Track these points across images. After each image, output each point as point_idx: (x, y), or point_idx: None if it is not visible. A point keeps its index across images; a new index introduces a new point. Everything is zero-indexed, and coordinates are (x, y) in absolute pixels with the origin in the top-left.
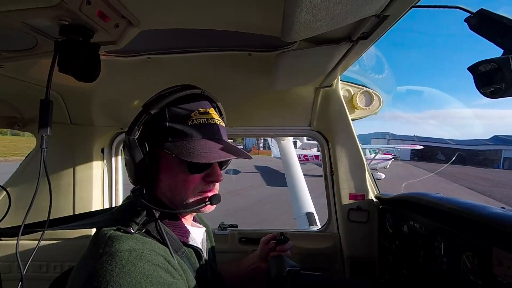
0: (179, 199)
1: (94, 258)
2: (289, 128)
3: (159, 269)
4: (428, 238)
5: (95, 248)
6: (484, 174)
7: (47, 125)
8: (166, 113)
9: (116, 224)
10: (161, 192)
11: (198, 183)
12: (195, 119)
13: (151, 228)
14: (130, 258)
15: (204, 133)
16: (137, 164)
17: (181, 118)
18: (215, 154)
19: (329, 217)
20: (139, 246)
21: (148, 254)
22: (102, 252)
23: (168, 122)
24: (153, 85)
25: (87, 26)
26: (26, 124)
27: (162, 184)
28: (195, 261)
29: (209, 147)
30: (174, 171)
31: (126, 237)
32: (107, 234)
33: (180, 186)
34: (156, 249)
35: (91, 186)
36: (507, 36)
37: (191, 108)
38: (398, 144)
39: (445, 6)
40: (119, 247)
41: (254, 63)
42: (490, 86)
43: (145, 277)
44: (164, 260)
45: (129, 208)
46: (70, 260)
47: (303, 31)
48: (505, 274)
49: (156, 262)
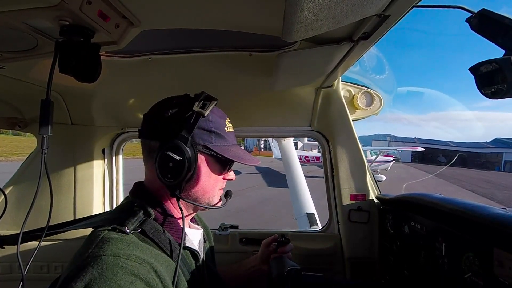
0: (207, 196)
1: (81, 257)
2: (289, 129)
3: (137, 282)
4: (429, 239)
5: (85, 248)
6: (485, 176)
7: (47, 126)
8: (210, 117)
9: (112, 223)
10: (190, 190)
11: (221, 181)
12: (228, 127)
13: (147, 228)
14: (112, 265)
15: (234, 140)
16: (189, 163)
17: (221, 124)
18: (252, 158)
19: (330, 217)
20: (127, 251)
21: (131, 263)
22: (90, 253)
23: (213, 127)
24: (154, 85)
25: (88, 27)
26: (27, 125)
27: (195, 182)
28: (192, 263)
29: (243, 152)
30: (209, 170)
31: (117, 239)
32: (100, 235)
33: (212, 184)
34: (146, 254)
35: (92, 186)
36: (508, 37)
37: (223, 116)
38: (399, 146)
39: (446, 6)
40: (104, 251)
41: (254, 63)
42: (491, 86)
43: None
44: (150, 269)
45: (126, 208)
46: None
47: (303, 31)
48: (506, 275)
49: (137, 272)
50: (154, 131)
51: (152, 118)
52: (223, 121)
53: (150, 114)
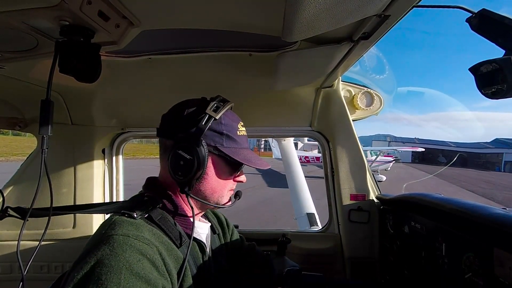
0: (216, 196)
1: (96, 237)
2: (289, 129)
3: (144, 261)
4: (429, 239)
5: (100, 230)
6: (485, 176)
7: (47, 126)
8: (222, 120)
9: (122, 210)
10: (199, 189)
11: (231, 183)
12: (240, 130)
13: (154, 215)
14: (122, 243)
15: (246, 143)
16: (198, 162)
17: (233, 127)
18: (263, 162)
19: (330, 217)
20: (137, 232)
21: (140, 243)
22: (103, 234)
23: (225, 129)
24: (154, 85)
25: (88, 27)
26: (27, 125)
27: (205, 182)
28: (198, 255)
29: (254, 155)
30: (219, 172)
31: (128, 222)
32: (112, 219)
33: (222, 185)
34: (154, 238)
35: (92, 186)
36: (508, 37)
37: (237, 120)
38: (399, 146)
39: (446, 6)
40: (116, 231)
41: (254, 63)
42: (491, 87)
43: (127, 264)
44: (156, 251)
45: (137, 199)
46: (71, 260)
47: (304, 31)
48: (507, 275)
49: (145, 252)
50: (169, 130)
51: (168, 118)
52: (236, 125)
53: (168, 115)
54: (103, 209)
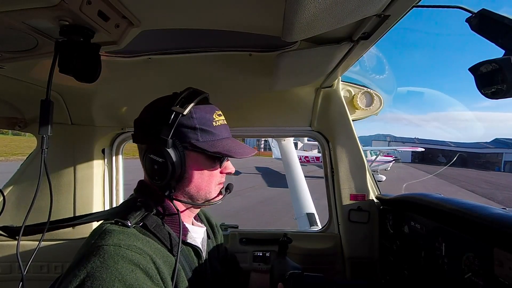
0: (203, 193)
1: (85, 247)
2: (289, 129)
3: (138, 271)
4: (429, 239)
5: (89, 239)
6: (485, 176)
7: (47, 126)
8: (193, 114)
9: (115, 217)
10: (184, 189)
11: (218, 176)
12: (217, 121)
13: (149, 222)
14: (113, 254)
15: (226, 133)
16: (172, 164)
17: (207, 119)
18: (246, 149)
19: (330, 217)
20: (128, 241)
21: (132, 253)
22: (93, 243)
23: (197, 123)
24: (154, 85)
25: (88, 27)
26: (27, 125)
27: (188, 181)
28: (193, 260)
29: (236, 144)
30: (201, 168)
31: (119, 231)
32: (103, 227)
33: (207, 180)
34: (147, 246)
35: (91, 186)
36: (508, 37)
37: (211, 110)
38: (399, 146)
39: (446, 6)
40: (106, 241)
41: (254, 63)
42: (491, 87)
43: (120, 276)
44: (149, 260)
45: (130, 204)
46: (70, 260)
47: (303, 31)
48: (506, 275)
49: (138, 262)
50: (140, 134)
51: (138, 122)
52: (209, 116)
53: (138, 119)
54: (97, 217)
